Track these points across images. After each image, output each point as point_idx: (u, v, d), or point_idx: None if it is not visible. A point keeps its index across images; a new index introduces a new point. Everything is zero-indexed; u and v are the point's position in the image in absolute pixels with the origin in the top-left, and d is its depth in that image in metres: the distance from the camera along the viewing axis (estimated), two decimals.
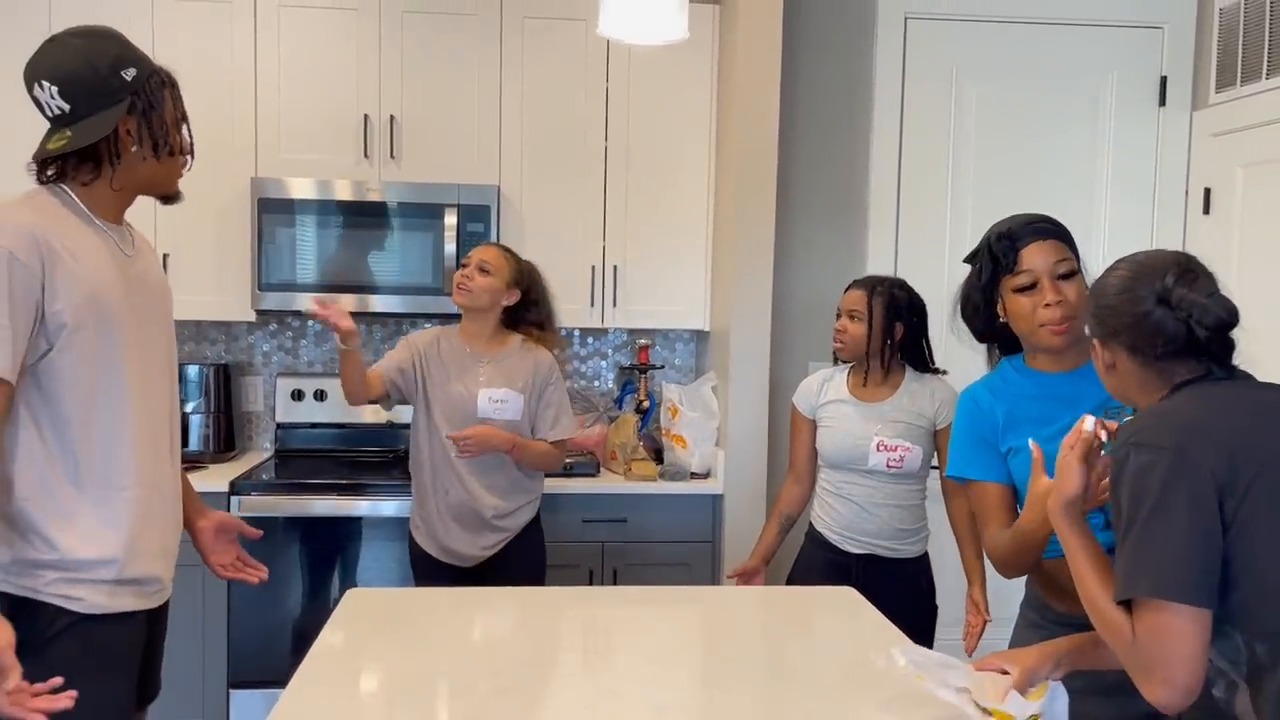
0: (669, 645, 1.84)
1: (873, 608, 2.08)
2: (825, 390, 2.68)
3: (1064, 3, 3.61)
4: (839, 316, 2.64)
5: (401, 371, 2.73)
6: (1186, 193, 3.63)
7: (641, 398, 3.65)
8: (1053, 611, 1.87)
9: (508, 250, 2.80)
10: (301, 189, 3.30)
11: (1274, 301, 3.21)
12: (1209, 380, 1.42)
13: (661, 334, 3.82)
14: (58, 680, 1.48)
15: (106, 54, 1.73)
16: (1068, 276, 1.80)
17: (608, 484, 3.29)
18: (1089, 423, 1.47)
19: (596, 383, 3.84)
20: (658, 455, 3.48)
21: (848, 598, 2.17)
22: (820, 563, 2.61)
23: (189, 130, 1.89)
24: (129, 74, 1.73)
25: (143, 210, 3.35)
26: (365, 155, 3.37)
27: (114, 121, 1.71)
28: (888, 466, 2.53)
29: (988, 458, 1.90)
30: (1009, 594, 2.28)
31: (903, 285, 2.65)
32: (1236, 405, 1.38)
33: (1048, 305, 1.79)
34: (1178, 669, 1.28)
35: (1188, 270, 1.43)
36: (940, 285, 3.63)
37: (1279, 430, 1.34)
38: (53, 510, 1.68)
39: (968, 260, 1.96)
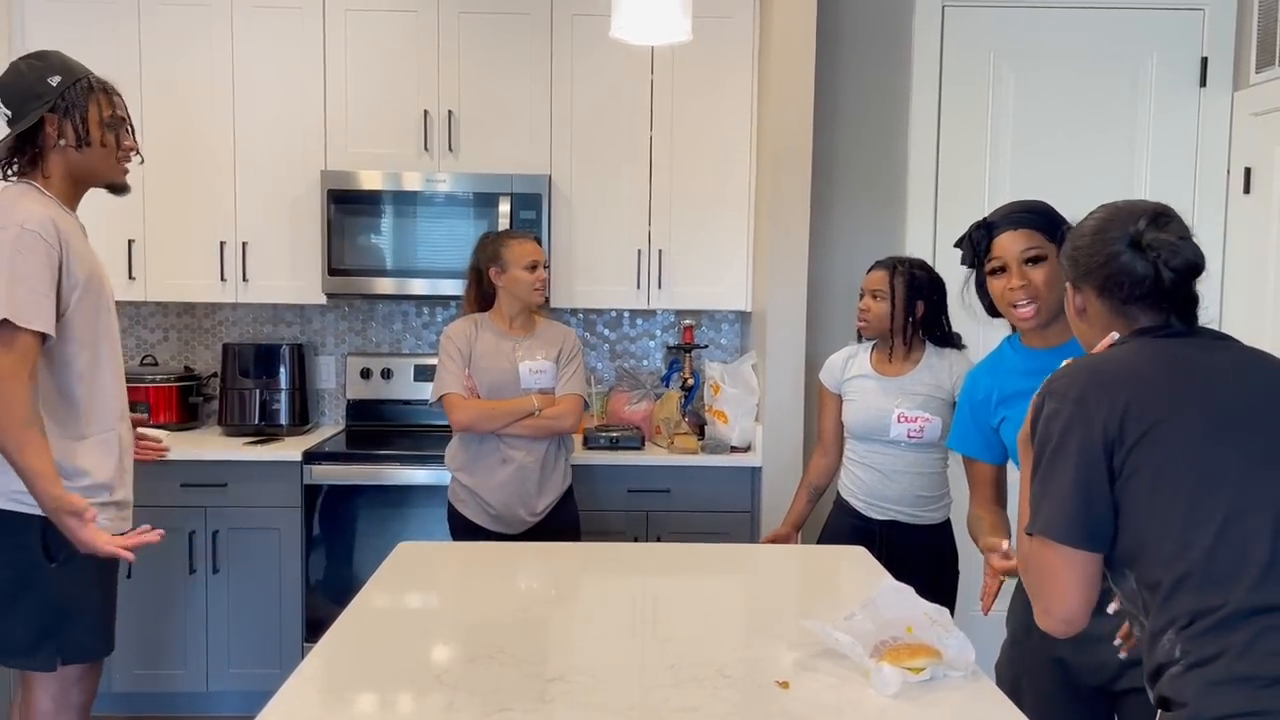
0: (684, 592, 2.03)
1: (874, 563, 2.24)
2: (850, 366, 2.82)
3: None
4: (862, 296, 2.78)
5: (465, 369, 2.94)
6: (1228, 172, 3.66)
7: (686, 375, 3.82)
8: None
9: (530, 233, 3.12)
10: (368, 180, 3.55)
11: None
12: (1162, 332, 1.44)
13: (708, 315, 3.98)
14: (146, 528, 2.06)
15: (38, 68, 2.12)
16: (1035, 260, 1.94)
17: (652, 457, 3.48)
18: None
19: (645, 362, 4.03)
20: (700, 430, 3.65)
21: (857, 555, 2.32)
22: (846, 529, 2.75)
23: (130, 131, 2.25)
24: (54, 80, 2.11)
25: (223, 203, 3.65)
26: (425, 148, 3.60)
27: (36, 117, 2.09)
28: (908, 437, 2.66)
29: (981, 438, 2.09)
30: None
31: (923, 265, 2.78)
32: (1158, 361, 1.41)
33: (1012, 288, 1.95)
34: (1055, 600, 1.40)
35: (1161, 215, 1.46)
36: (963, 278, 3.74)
37: (1180, 391, 1.37)
38: (61, 445, 2.08)
39: (956, 246, 2.11)
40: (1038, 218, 1.98)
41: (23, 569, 2.07)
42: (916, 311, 2.71)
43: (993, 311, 2.09)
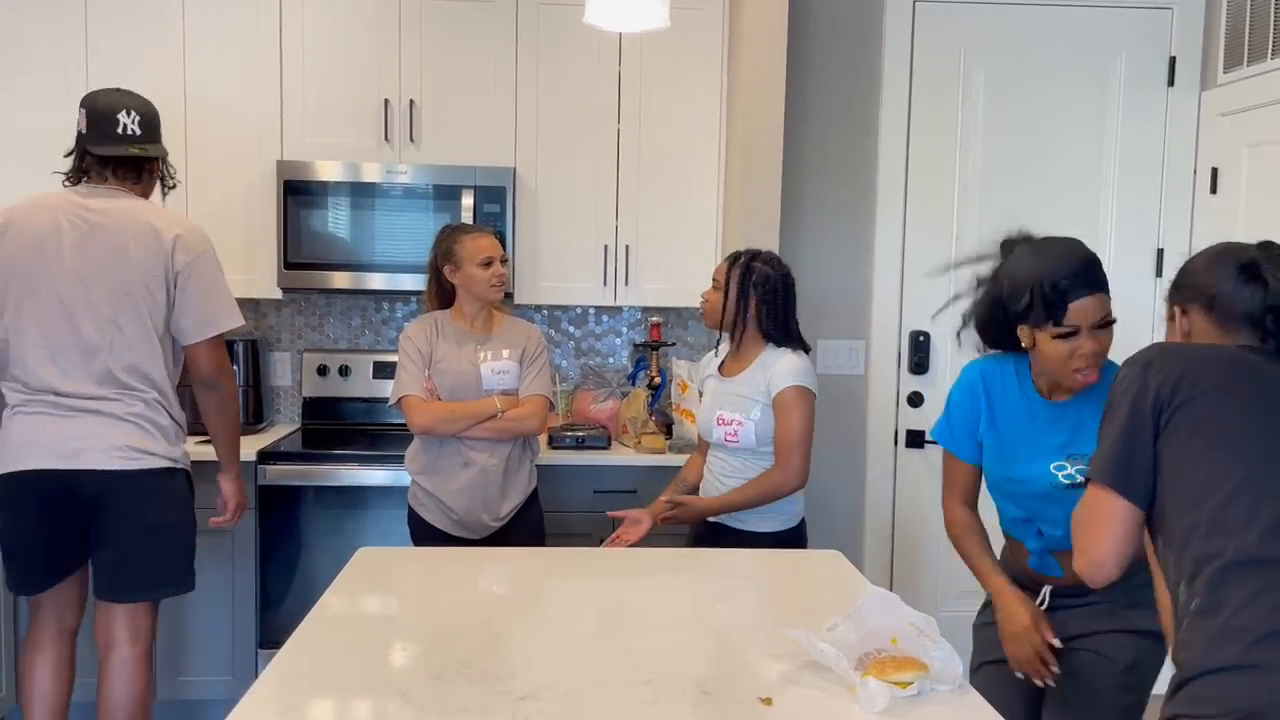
0: (655, 599, 1.95)
1: (849, 566, 2.18)
2: (708, 366, 2.77)
3: None
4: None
5: (425, 370, 2.82)
6: (1194, 172, 3.67)
7: (653, 373, 3.75)
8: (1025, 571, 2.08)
9: (486, 227, 2.98)
10: (325, 171, 3.43)
11: None
12: (1255, 351, 1.54)
13: (675, 312, 3.91)
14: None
15: (156, 115, 2.69)
16: (1104, 325, 1.89)
17: (618, 456, 3.41)
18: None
19: (611, 359, 3.95)
20: (668, 429, 3.58)
21: (831, 558, 2.27)
22: (692, 531, 2.70)
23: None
24: (161, 128, 2.69)
25: (173, 193, 3.52)
26: (386, 139, 3.50)
27: (161, 153, 2.71)
28: (725, 440, 2.59)
29: (966, 439, 2.11)
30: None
31: (771, 260, 2.61)
32: (1230, 358, 1.52)
33: (1082, 353, 1.88)
34: (1092, 541, 1.54)
35: (1273, 253, 1.59)
36: (947, 265, 3.72)
37: (1238, 378, 1.48)
38: None
39: (1014, 303, 1.92)
40: (1104, 277, 1.90)
41: (181, 511, 2.61)
42: (749, 307, 2.57)
43: (999, 345, 2.03)
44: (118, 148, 2.55)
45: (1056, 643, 1.93)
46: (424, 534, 2.87)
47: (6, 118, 3.39)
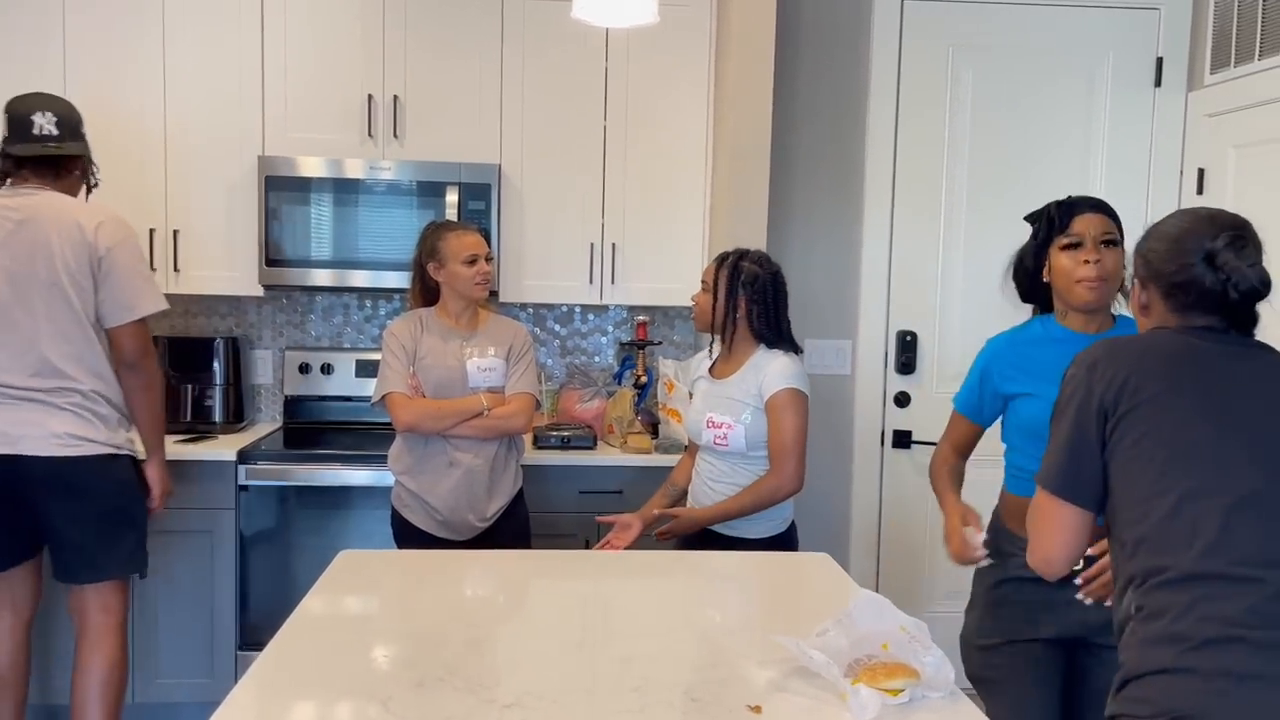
0: (642, 603, 1.93)
1: (839, 570, 2.16)
2: (699, 367, 2.73)
3: None
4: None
5: (410, 368, 2.79)
6: (1181, 173, 3.67)
7: (640, 373, 3.73)
8: (1014, 537, 2.07)
9: (479, 228, 2.92)
10: (308, 167, 3.38)
11: None
12: (1211, 332, 1.55)
13: (661, 311, 3.89)
14: None
15: (77, 113, 2.75)
16: (1109, 244, 2.05)
17: (604, 456, 3.38)
18: None
19: (597, 359, 3.93)
20: (654, 429, 3.56)
21: (821, 561, 2.25)
22: (680, 536, 2.62)
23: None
24: (84, 130, 2.74)
25: (153, 189, 3.48)
26: (369, 134, 3.45)
27: (80, 151, 2.73)
28: (714, 444, 2.54)
29: (979, 400, 2.21)
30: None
31: (757, 258, 2.57)
32: (1176, 350, 1.53)
33: (1086, 262, 2.03)
34: (1043, 541, 1.59)
35: (1239, 237, 1.54)
36: (934, 263, 3.71)
37: (1183, 377, 1.50)
38: None
39: (1030, 219, 2.18)
40: (1113, 210, 2.10)
41: (127, 496, 2.70)
42: (738, 307, 2.53)
43: (1030, 294, 2.19)
44: (32, 147, 2.65)
45: (982, 535, 2.06)
46: (408, 536, 2.82)
47: None
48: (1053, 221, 2.09)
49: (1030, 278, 2.15)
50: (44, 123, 2.66)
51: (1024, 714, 2.04)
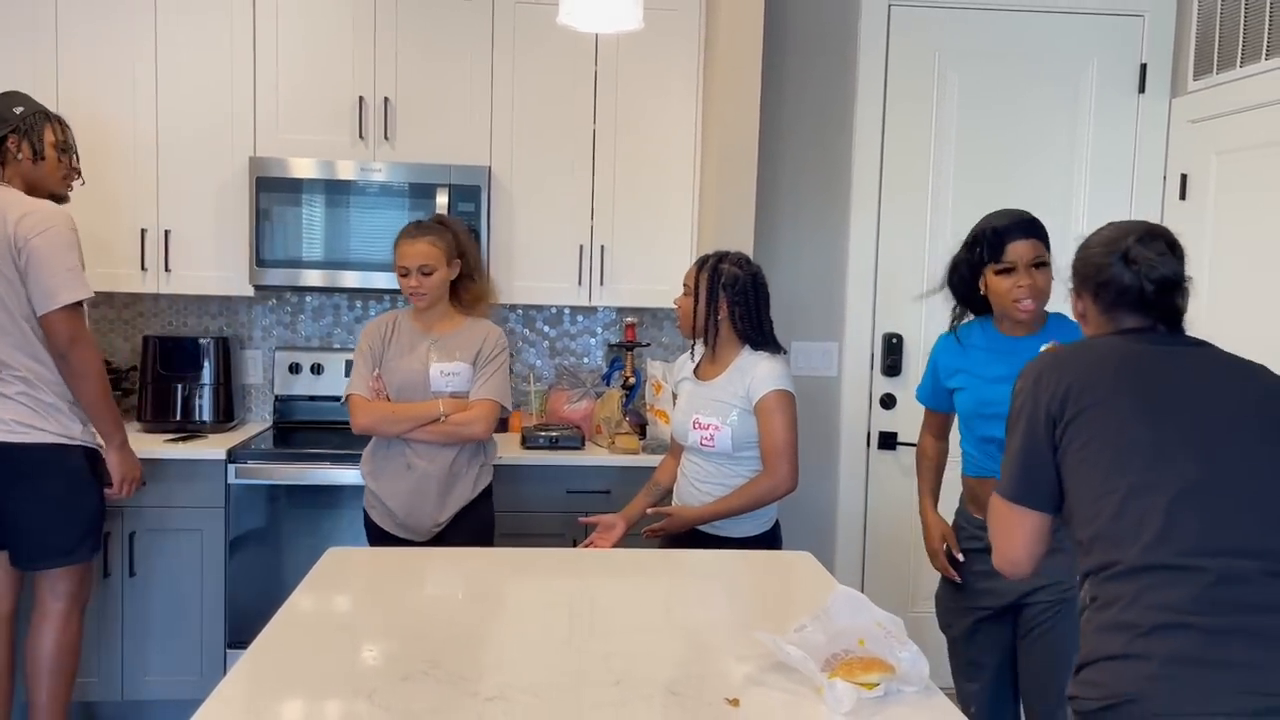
0: (625, 600, 1.95)
1: (821, 569, 2.19)
2: (683, 368, 2.76)
3: None
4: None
5: (375, 369, 2.78)
6: (1164, 178, 3.71)
7: (628, 374, 3.75)
8: (974, 519, 2.41)
9: (430, 231, 2.76)
10: (298, 168, 3.41)
11: (1246, 283, 3.28)
12: (1135, 334, 1.67)
13: (650, 312, 3.91)
14: None
15: (4, 100, 2.77)
16: (1039, 266, 2.29)
17: (592, 457, 3.40)
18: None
19: (585, 360, 3.95)
20: (642, 430, 3.58)
21: (803, 560, 2.28)
22: (667, 535, 2.65)
23: (75, 158, 2.87)
24: (18, 110, 2.75)
25: (144, 189, 3.49)
26: (360, 136, 3.48)
27: (2, 133, 2.72)
28: (700, 445, 2.57)
29: (937, 394, 2.52)
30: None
31: (736, 259, 2.60)
32: (1113, 355, 1.63)
33: (1020, 286, 2.28)
34: (1008, 546, 1.68)
35: (1148, 234, 1.68)
36: (920, 268, 3.75)
37: (1122, 380, 1.58)
38: None
39: (967, 246, 2.39)
40: (1041, 230, 2.32)
41: (73, 486, 2.75)
42: (719, 309, 2.56)
43: (966, 300, 2.42)
44: None
45: (959, 556, 2.42)
46: (374, 535, 2.84)
47: None
48: (987, 248, 2.31)
49: (965, 285, 2.38)
50: None
51: (977, 662, 2.43)
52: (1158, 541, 1.49)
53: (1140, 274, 1.64)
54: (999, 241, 2.28)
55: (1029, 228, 2.29)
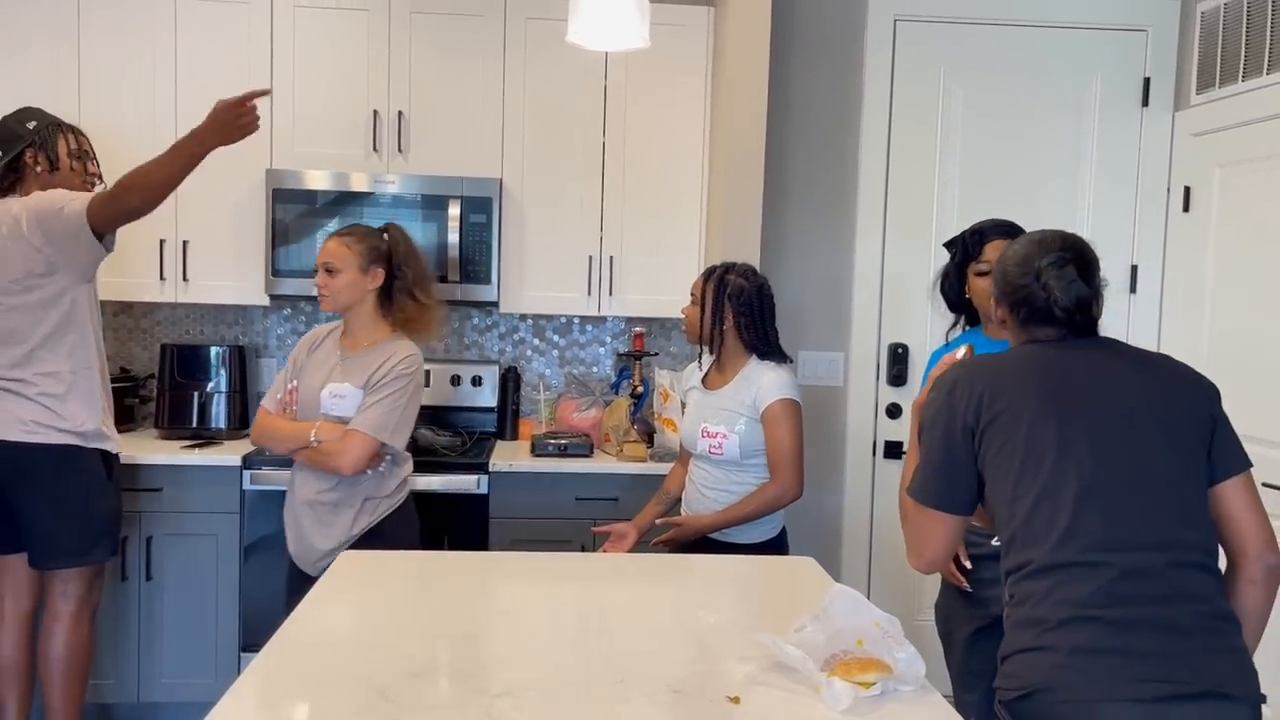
0: (631, 604, 2.00)
1: (823, 573, 2.23)
2: (691, 377, 2.81)
3: (1050, 6, 3.72)
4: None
5: (293, 381, 2.70)
6: (1168, 190, 3.74)
7: (636, 383, 3.80)
8: (976, 528, 2.30)
9: (352, 233, 2.65)
10: (314, 180, 3.47)
11: (1249, 294, 3.31)
12: (1047, 341, 1.76)
13: (658, 322, 3.97)
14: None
15: (19, 116, 2.87)
16: None
17: (600, 464, 3.45)
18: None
19: (594, 369, 4.00)
20: (650, 438, 3.63)
21: (806, 565, 2.32)
22: (676, 544, 2.69)
23: (93, 164, 2.96)
24: (31, 124, 2.85)
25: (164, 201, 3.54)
26: (374, 149, 3.54)
27: (17, 150, 2.81)
28: (709, 452, 2.63)
29: None
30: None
31: (746, 272, 2.64)
32: (1022, 363, 1.73)
33: None
34: (922, 547, 1.77)
35: (1062, 257, 1.75)
36: (925, 279, 3.77)
37: (1029, 386, 1.67)
38: None
39: (947, 246, 2.50)
40: (1018, 230, 2.36)
41: (87, 488, 2.80)
42: (725, 319, 2.61)
43: (956, 305, 2.49)
44: None
45: (967, 564, 2.41)
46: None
47: None
48: (967, 249, 2.39)
49: (955, 291, 2.47)
50: None
51: (976, 672, 2.40)
52: (1064, 540, 1.58)
53: (1051, 299, 1.73)
54: (977, 241, 2.38)
55: (1008, 230, 2.37)
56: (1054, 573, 1.58)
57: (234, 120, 2.64)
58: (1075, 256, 1.75)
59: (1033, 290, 1.74)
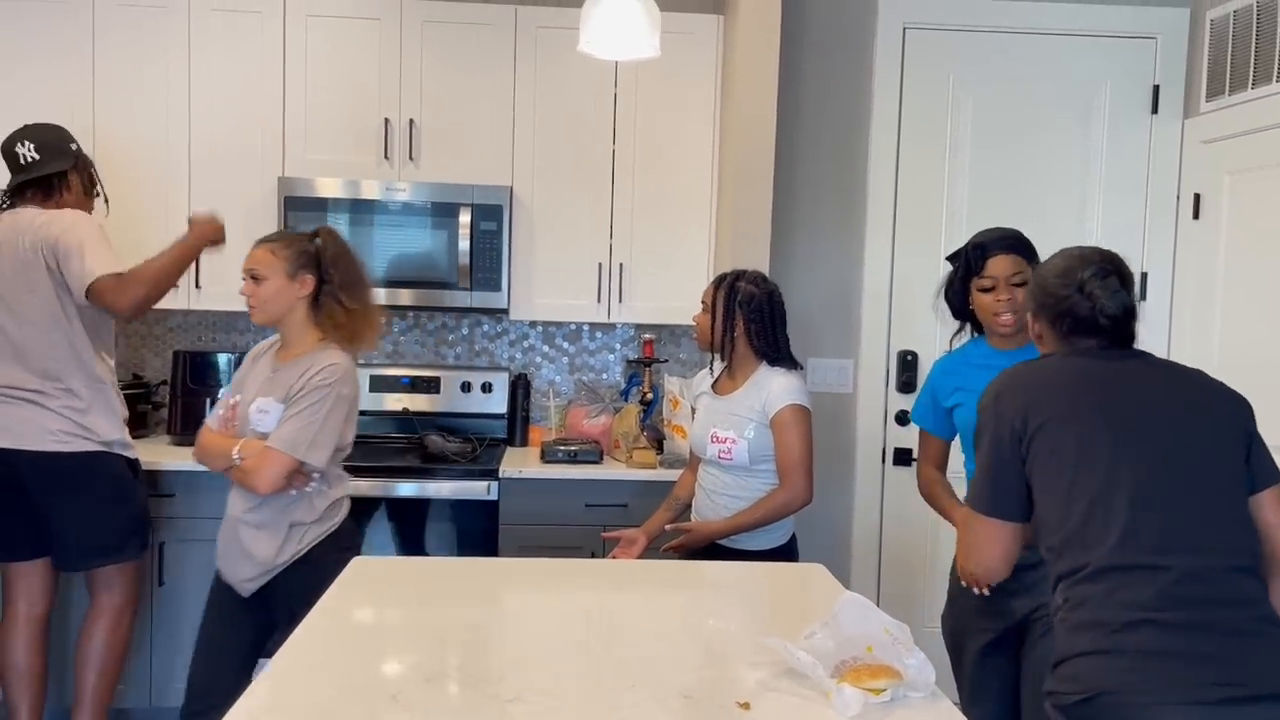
0: (642, 609, 2.01)
1: (832, 579, 2.24)
2: (701, 383, 2.83)
3: (1059, 14, 3.73)
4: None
5: (234, 395, 2.59)
6: (1178, 198, 3.74)
7: (646, 390, 3.81)
8: None
9: (280, 238, 2.55)
10: (325, 188, 3.50)
11: (1259, 300, 3.31)
12: (1088, 352, 1.80)
13: (668, 329, 3.98)
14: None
15: (62, 133, 2.98)
16: (1020, 284, 2.35)
17: (610, 471, 3.46)
18: None
19: (604, 375, 4.02)
20: (659, 444, 3.64)
21: (815, 571, 2.32)
22: (686, 550, 2.69)
23: (100, 189, 3.12)
24: (73, 146, 2.99)
25: (176, 208, 3.59)
26: (385, 157, 3.57)
27: (62, 168, 2.95)
28: (719, 458, 2.64)
29: (935, 416, 2.53)
30: None
31: (757, 280, 2.66)
32: (1067, 372, 1.77)
33: (999, 301, 2.36)
34: (978, 554, 1.82)
35: (1104, 269, 1.81)
36: (934, 286, 3.77)
37: (1076, 394, 1.72)
38: None
39: (950, 259, 2.51)
40: (1023, 246, 2.38)
41: (115, 488, 2.90)
42: (736, 326, 2.63)
43: (960, 314, 2.50)
44: (17, 176, 2.95)
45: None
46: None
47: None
48: (969, 263, 2.40)
49: (959, 300, 2.48)
50: (25, 151, 2.92)
51: (984, 685, 2.38)
52: (1122, 543, 1.60)
53: (1097, 308, 1.78)
54: (980, 256, 2.39)
55: (1011, 244, 2.37)
56: (1112, 575, 1.60)
57: (216, 235, 3.05)
58: (1115, 269, 1.81)
59: (1076, 301, 1.79)
